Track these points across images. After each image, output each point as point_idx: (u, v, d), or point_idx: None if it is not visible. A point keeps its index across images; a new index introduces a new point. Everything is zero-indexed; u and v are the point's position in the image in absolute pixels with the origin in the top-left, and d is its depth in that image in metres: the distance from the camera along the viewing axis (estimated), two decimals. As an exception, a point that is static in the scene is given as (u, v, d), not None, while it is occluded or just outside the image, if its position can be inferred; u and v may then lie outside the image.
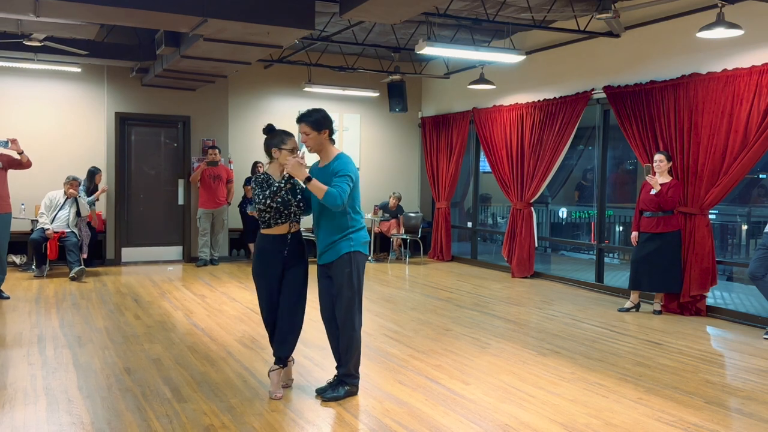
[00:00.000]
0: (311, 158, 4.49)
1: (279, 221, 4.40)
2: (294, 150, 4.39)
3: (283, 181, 4.36)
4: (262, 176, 4.43)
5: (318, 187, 4.17)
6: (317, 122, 4.32)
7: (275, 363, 4.56)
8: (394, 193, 12.04)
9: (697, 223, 7.49)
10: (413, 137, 13.18)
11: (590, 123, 9.88)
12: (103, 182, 9.91)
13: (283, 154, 4.35)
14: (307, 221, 5.16)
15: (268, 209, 4.34)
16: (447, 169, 12.01)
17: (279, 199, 4.34)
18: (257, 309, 5.13)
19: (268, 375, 4.57)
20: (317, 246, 4.51)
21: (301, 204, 4.45)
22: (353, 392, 4.52)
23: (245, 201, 11.08)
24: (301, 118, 4.36)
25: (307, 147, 4.42)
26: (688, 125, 7.60)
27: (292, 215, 4.44)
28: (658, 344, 6.19)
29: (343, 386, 4.51)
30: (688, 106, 7.59)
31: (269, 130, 4.47)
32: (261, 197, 4.31)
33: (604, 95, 8.80)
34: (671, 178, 7.45)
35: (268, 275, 4.46)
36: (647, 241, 7.46)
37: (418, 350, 5.77)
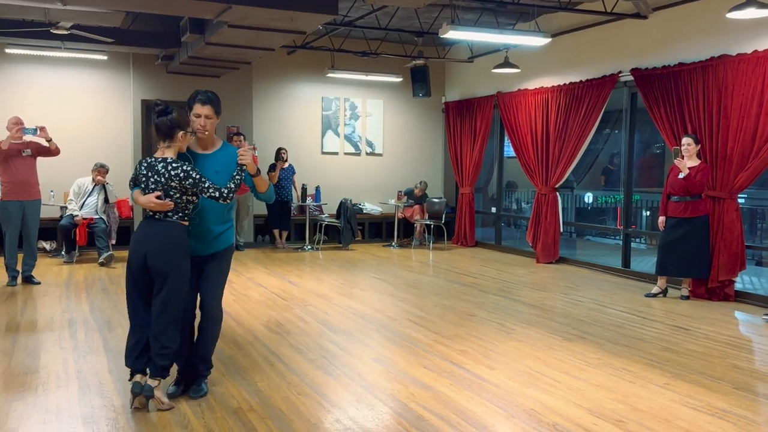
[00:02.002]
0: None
1: (190, 215, 4.05)
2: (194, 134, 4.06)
3: (242, 174, 4.04)
4: (180, 164, 3.92)
5: (264, 180, 4.15)
6: (220, 107, 4.12)
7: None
8: (420, 183, 12.02)
9: (726, 208, 7.39)
10: (437, 122, 13.14)
11: (617, 106, 9.77)
12: (110, 177, 9.85)
13: (187, 139, 4.01)
14: (330, 208, 5.14)
15: (191, 201, 3.98)
16: (471, 154, 11.96)
17: (192, 193, 3.95)
18: (283, 294, 5.20)
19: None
20: (198, 236, 4.08)
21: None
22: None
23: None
24: (209, 100, 4.07)
25: (205, 131, 4.08)
26: (717, 108, 7.48)
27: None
28: (685, 329, 6.14)
29: (204, 380, 4.27)
30: (717, 89, 7.47)
31: (168, 108, 4.02)
32: (225, 191, 3.94)
33: (631, 78, 8.69)
34: (700, 161, 7.35)
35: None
36: (675, 225, 7.38)
37: (443, 335, 5.79)
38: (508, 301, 7.37)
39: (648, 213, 12.05)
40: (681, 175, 7.23)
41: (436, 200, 11.96)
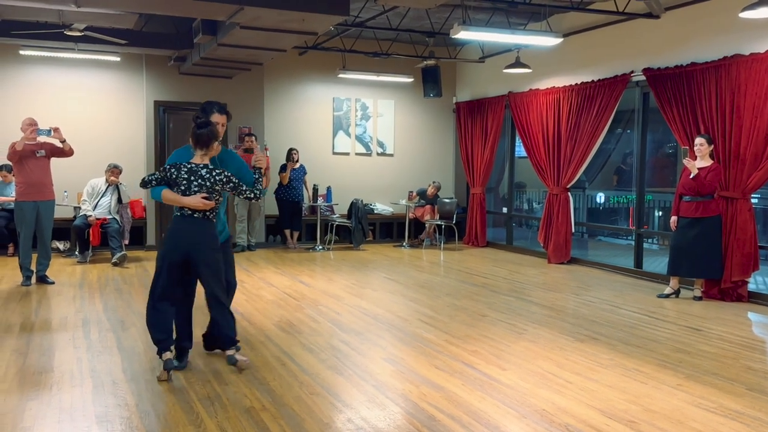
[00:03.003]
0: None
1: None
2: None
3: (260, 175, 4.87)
4: (226, 171, 4.60)
5: (269, 177, 4.91)
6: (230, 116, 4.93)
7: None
8: (434, 182, 12.01)
9: (738, 208, 7.34)
10: (448, 122, 13.13)
11: (629, 106, 9.73)
12: (123, 178, 9.92)
13: (218, 148, 4.63)
14: (341, 208, 5.28)
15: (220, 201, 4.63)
16: (482, 155, 11.94)
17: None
18: (294, 294, 5.22)
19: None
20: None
21: None
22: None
23: (281, 188, 11.18)
24: (223, 109, 4.80)
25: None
26: (730, 108, 7.44)
27: None
28: (698, 330, 6.11)
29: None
30: (730, 88, 7.43)
31: (208, 122, 4.55)
32: (258, 192, 4.76)
33: (643, 78, 8.65)
34: (712, 161, 7.30)
35: None
36: (687, 226, 7.34)
37: (454, 336, 5.79)
38: (520, 301, 7.36)
39: (660, 213, 11.98)
40: (691, 176, 7.20)
41: (447, 200, 11.95)
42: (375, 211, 12.23)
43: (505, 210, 12.30)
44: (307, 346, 5.43)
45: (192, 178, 4.47)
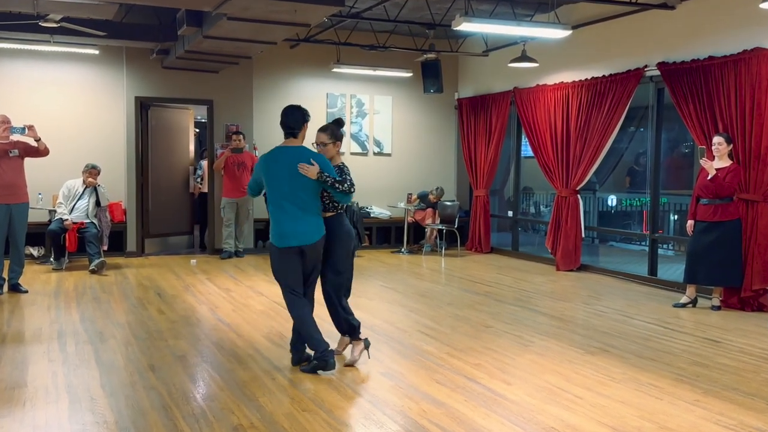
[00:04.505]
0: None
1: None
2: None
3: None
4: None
5: None
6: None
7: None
8: (437, 189, 11.98)
9: (760, 211, 7.36)
10: (449, 120, 13.14)
11: (643, 102, 9.75)
12: (102, 179, 9.90)
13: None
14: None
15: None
16: (486, 154, 11.96)
17: None
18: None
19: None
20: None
21: None
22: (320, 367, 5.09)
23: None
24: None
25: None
26: (750, 104, 7.46)
27: None
28: (716, 342, 6.12)
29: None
30: (751, 84, 7.45)
31: (341, 122, 5.68)
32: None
33: (657, 72, 8.67)
34: (731, 162, 7.32)
35: None
36: (704, 230, 7.35)
37: (456, 348, 5.79)
38: (526, 311, 7.36)
39: (676, 217, 12.01)
40: (709, 177, 7.22)
41: (448, 203, 11.96)
42: (371, 215, 12.23)
43: (510, 213, 12.31)
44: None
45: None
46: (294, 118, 5.33)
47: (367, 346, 5.31)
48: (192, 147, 12.19)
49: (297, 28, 7.64)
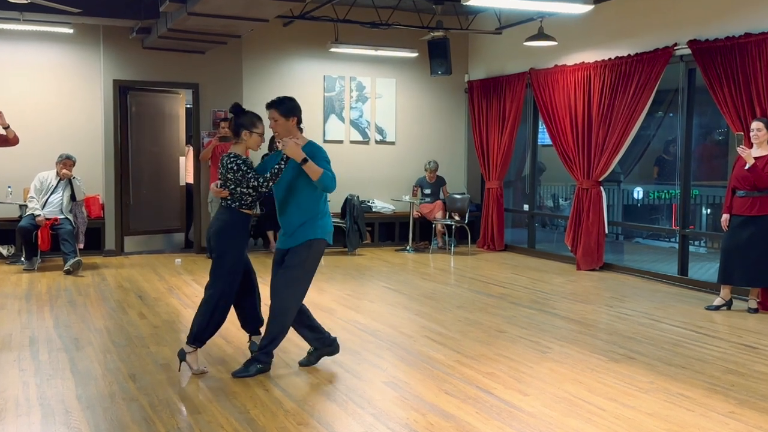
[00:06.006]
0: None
1: (254, 204, 5.30)
2: (263, 135, 5.39)
3: (283, 164, 5.09)
4: (235, 158, 5.26)
5: (314, 169, 4.98)
6: (287, 109, 5.22)
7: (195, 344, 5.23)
8: (429, 164, 11.98)
9: (801, 204, 7.34)
10: (459, 105, 13.13)
11: (672, 85, 9.73)
12: (78, 170, 9.92)
13: (253, 138, 5.37)
14: (334, 205, 5.45)
15: (258, 192, 5.18)
16: (499, 142, 11.95)
17: (256, 184, 5.12)
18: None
19: (185, 358, 5.19)
20: (282, 230, 5.34)
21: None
22: (265, 370, 5.22)
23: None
24: (271, 104, 5.26)
25: (275, 133, 5.28)
26: (791, 86, 7.45)
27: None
28: (753, 348, 6.11)
29: (255, 364, 5.20)
30: (792, 63, 7.43)
31: (238, 110, 5.39)
32: (262, 180, 5.08)
33: (688, 51, 8.65)
34: (771, 150, 7.32)
35: (243, 253, 5.40)
36: (740, 225, 7.35)
37: (467, 355, 5.79)
38: (544, 315, 7.36)
39: (709, 211, 11.99)
40: (747, 167, 7.20)
41: (457, 196, 11.96)
42: (373, 209, 12.23)
43: (526, 207, 12.30)
44: (294, 367, 5.43)
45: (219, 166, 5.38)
46: None
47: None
48: (183, 136, 12.14)
49: (291, 3, 7.65)
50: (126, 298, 7.98)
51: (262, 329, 5.44)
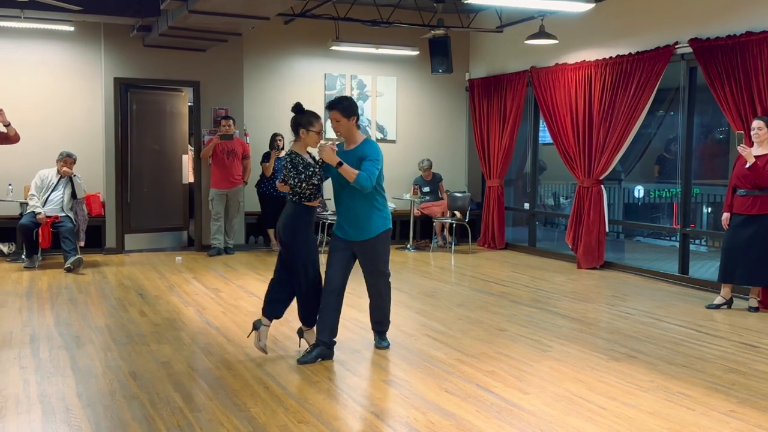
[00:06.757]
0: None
1: (314, 197, 5.55)
2: (320, 133, 5.53)
3: (317, 166, 5.50)
4: (293, 155, 5.51)
5: (349, 172, 5.23)
6: (348, 109, 5.46)
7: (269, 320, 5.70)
8: (422, 163, 11.98)
9: (802, 203, 7.34)
10: (459, 103, 13.12)
11: (673, 83, 9.72)
12: (79, 168, 9.92)
13: (310, 136, 5.50)
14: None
15: (308, 187, 5.48)
16: (500, 141, 11.94)
17: (315, 181, 5.49)
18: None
19: (260, 332, 5.59)
20: (345, 223, 5.59)
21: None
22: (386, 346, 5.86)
23: (263, 180, 11.17)
24: (332, 105, 5.47)
25: (336, 133, 5.52)
26: (793, 85, 7.44)
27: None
28: (754, 347, 6.11)
29: (381, 341, 5.89)
30: (793, 62, 7.42)
31: (299, 109, 5.55)
32: (297, 180, 5.43)
33: (690, 50, 8.64)
34: (772, 148, 7.31)
35: (311, 241, 5.76)
36: (741, 224, 7.34)
37: (468, 354, 5.79)
38: (544, 313, 7.36)
39: (710, 209, 11.97)
40: (747, 165, 7.20)
41: (458, 194, 11.95)
42: (374, 208, 12.21)
43: (527, 206, 12.29)
44: (294, 365, 5.43)
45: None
46: None
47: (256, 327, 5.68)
48: (187, 134, 12.10)
49: (292, 1, 7.63)
50: (126, 295, 7.97)
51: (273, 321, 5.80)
